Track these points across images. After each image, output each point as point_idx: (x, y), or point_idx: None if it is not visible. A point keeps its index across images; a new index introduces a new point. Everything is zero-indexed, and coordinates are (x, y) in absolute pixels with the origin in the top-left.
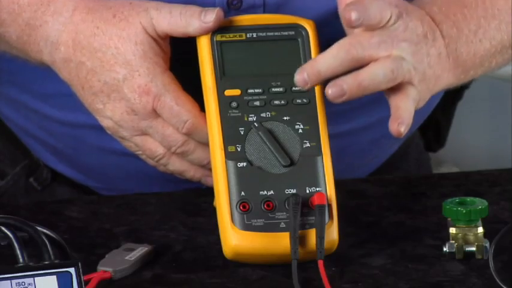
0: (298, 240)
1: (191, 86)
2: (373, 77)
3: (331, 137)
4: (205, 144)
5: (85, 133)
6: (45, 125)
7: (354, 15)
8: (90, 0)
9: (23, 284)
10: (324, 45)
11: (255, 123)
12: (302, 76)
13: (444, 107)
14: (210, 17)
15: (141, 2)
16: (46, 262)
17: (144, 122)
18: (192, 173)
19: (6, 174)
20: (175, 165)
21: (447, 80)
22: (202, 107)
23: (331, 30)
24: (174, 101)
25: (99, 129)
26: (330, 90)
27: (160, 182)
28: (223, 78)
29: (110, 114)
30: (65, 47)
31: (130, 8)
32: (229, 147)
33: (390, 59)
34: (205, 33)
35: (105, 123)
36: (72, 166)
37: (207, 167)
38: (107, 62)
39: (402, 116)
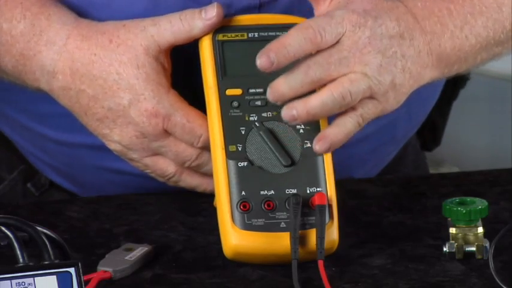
0: (299, 240)
1: (191, 86)
2: (322, 105)
3: None
4: None
5: (82, 152)
6: (41, 144)
7: (263, 63)
8: (83, 27)
9: (23, 284)
10: None
11: (256, 123)
12: (271, 94)
13: (440, 107)
14: (211, 12)
15: (135, 22)
16: (46, 262)
17: (154, 143)
18: (205, 186)
19: (3, 179)
20: (187, 181)
21: (430, 74)
22: (203, 107)
23: None
24: (185, 119)
25: (96, 148)
26: (283, 113)
27: None
28: (224, 78)
29: (118, 138)
30: (63, 76)
31: (126, 31)
32: (230, 146)
33: (345, 82)
34: (209, 30)
35: (113, 146)
36: (68, 180)
37: None
38: (109, 88)
39: (326, 135)
